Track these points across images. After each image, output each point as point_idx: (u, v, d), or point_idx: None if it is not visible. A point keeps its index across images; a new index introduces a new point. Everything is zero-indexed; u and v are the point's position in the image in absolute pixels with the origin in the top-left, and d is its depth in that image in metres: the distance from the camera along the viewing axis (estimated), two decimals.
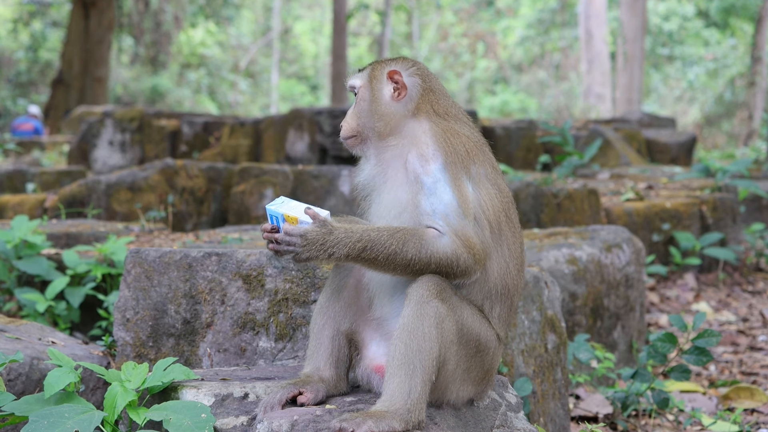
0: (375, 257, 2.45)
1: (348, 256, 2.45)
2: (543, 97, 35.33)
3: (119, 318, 3.37)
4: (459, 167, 2.55)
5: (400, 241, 2.46)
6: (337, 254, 2.45)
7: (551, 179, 7.50)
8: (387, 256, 2.45)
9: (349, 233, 2.45)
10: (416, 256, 2.46)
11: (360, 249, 2.45)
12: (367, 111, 2.68)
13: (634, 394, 4.14)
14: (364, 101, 2.69)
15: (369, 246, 2.45)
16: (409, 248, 2.46)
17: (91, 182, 7.49)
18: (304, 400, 2.60)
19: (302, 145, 11.24)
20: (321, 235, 2.45)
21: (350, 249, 2.45)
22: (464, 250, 2.49)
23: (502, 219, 2.62)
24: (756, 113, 26.33)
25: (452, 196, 2.52)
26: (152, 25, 33.73)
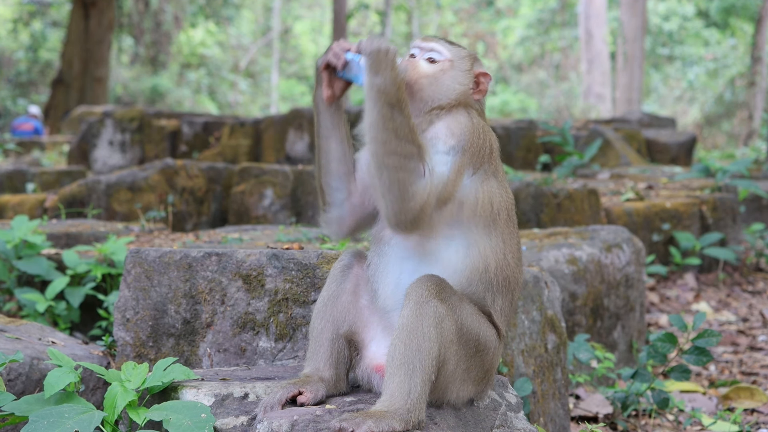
0: (390, 118, 2.50)
1: (382, 92, 2.50)
2: (543, 97, 35.34)
3: (119, 318, 3.37)
4: (472, 159, 2.61)
5: (409, 137, 2.51)
6: (382, 79, 2.51)
7: (551, 179, 7.50)
8: (394, 130, 2.49)
9: (402, 86, 2.55)
10: (401, 159, 2.49)
11: (392, 100, 2.51)
12: (442, 84, 2.72)
13: (634, 394, 4.14)
14: (446, 75, 2.73)
15: (398, 108, 2.51)
16: (406, 149, 2.50)
17: (91, 182, 7.49)
18: (304, 400, 2.60)
19: (302, 145, 11.24)
20: (390, 59, 2.54)
21: (392, 90, 2.51)
22: (418, 204, 2.50)
23: (501, 215, 2.65)
24: (756, 113, 26.34)
25: (448, 172, 2.57)
26: (152, 25, 33.74)
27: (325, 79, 2.71)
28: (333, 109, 2.75)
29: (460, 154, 2.60)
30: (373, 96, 2.52)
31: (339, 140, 2.77)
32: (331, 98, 2.73)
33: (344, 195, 2.78)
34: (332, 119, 2.76)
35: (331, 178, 2.78)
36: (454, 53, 2.76)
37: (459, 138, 2.61)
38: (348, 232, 2.82)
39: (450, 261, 2.62)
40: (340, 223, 2.80)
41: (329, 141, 2.77)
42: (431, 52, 2.75)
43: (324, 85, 2.72)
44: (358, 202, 2.78)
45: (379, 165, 2.51)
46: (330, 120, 2.76)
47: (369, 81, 2.54)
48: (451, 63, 2.74)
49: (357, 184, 2.77)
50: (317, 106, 2.77)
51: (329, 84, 2.72)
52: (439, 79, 2.72)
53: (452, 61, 2.75)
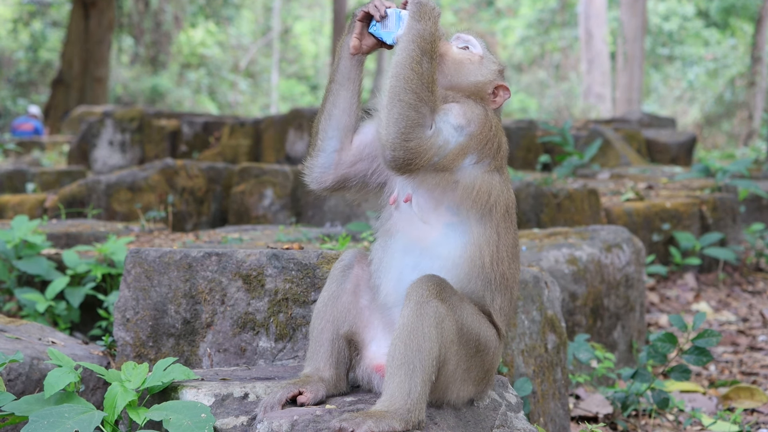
0: (419, 62, 2.57)
1: (419, 37, 2.59)
2: (543, 97, 35.33)
3: (119, 318, 3.37)
4: (477, 148, 2.63)
5: (429, 85, 2.58)
6: (422, 26, 2.60)
7: (551, 179, 7.50)
8: (419, 73, 2.57)
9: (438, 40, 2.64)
10: (416, 100, 2.55)
11: (426, 48, 2.59)
12: (465, 72, 2.77)
13: (634, 394, 4.14)
14: (472, 66, 2.78)
15: (428, 57, 2.59)
16: (424, 95, 2.56)
17: (91, 182, 7.49)
18: (304, 400, 2.60)
19: (302, 145, 11.24)
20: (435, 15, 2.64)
21: (428, 39, 2.59)
22: (415, 148, 2.54)
23: (498, 209, 2.67)
24: (756, 113, 26.33)
25: (452, 146, 2.60)
26: (152, 25, 33.73)
27: (357, 29, 2.76)
28: (354, 61, 2.80)
29: (467, 137, 2.62)
30: (410, 38, 2.59)
31: (351, 92, 2.81)
32: (357, 49, 2.77)
33: (337, 145, 2.80)
34: (350, 70, 2.80)
35: (330, 125, 2.80)
36: (486, 53, 2.83)
37: (470, 122, 2.64)
38: (327, 184, 2.82)
39: (449, 254, 2.63)
40: (322, 172, 2.81)
41: (340, 89, 2.81)
42: (467, 42, 2.83)
43: (354, 34, 2.77)
44: (348, 160, 2.80)
45: (393, 98, 2.55)
46: (348, 70, 2.80)
47: (409, 24, 2.62)
48: (480, 59, 2.80)
49: (353, 144, 2.80)
50: (341, 51, 2.81)
51: (359, 35, 2.77)
52: (465, 65, 2.77)
53: (482, 58, 2.81)
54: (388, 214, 2.74)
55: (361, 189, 2.83)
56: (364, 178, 2.81)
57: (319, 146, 2.81)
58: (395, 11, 2.70)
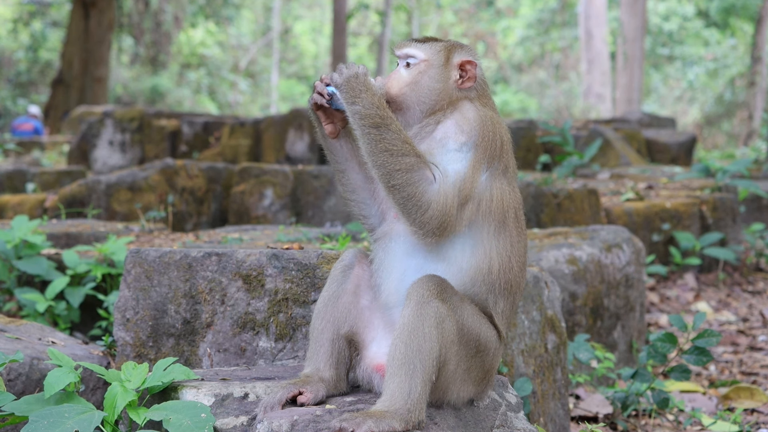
0: (379, 139, 2.52)
1: (364, 117, 2.53)
2: (543, 97, 35.33)
3: (119, 318, 3.37)
4: (485, 154, 2.60)
5: (403, 150, 2.52)
6: (360, 105, 2.54)
7: (551, 179, 7.50)
8: (386, 149, 2.51)
9: (382, 105, 2.56)
10: (404, 175, 2.51)
11: (375, 121, 2.53)
12: (424, 86, 2.70)
13: (634, 394, 4.14)
14: (425, 76, 2.71)
15: (384, 127, 2.52)
16: (405, 163, 2.51)
17: (91, 182, 7.49)
18: (304, 400, 2.60)
19: (302, 145, 11.24)
20: (362, 83, 2.57)
21: (372, 112, 2.53)
22: (437, 212, 2.51)
23: (510, 215, 2.65)
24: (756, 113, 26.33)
25: (464, 169, 2.57)
26: (152, 25, 33.72)
27: (322, 117, 2.74)
28: (342, 141, 2.77)
29: (473, 150, 2.59)
30: (357, 123, 2.55)
31: (356, 168, 2.79)
32: (335, 132, 2.75)
33: (375, 209, 2.79)
34: (343, 150, 2.78)
35: (361, 208, 2.81)
36: (427, 52, 2.73)
37: (469, 134, 2.61)
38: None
39: (456, 259, 2.61)
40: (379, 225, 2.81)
41: (347, 173, 2.80)
42: (407, 58, 2.74)
43: (323, 122, 2.74)
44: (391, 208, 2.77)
45: (387, 187, 2.53)
46: (341, 152, 2.78)
47: (349, 110, 2.57)
48: (427, 63, 2.72)
49: (383, 197, 2.76)
50: (325, 143, 2.80)
51: (328, 119, 2.74)
52: (419, 82, 2.70)
53: (427, 61, 2.72)
54: (390, 220, 2.73)
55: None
56: None
57: (367, 224, 2.82)
58: (333, 90, 2.66)
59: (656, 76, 34.45)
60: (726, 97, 30.09)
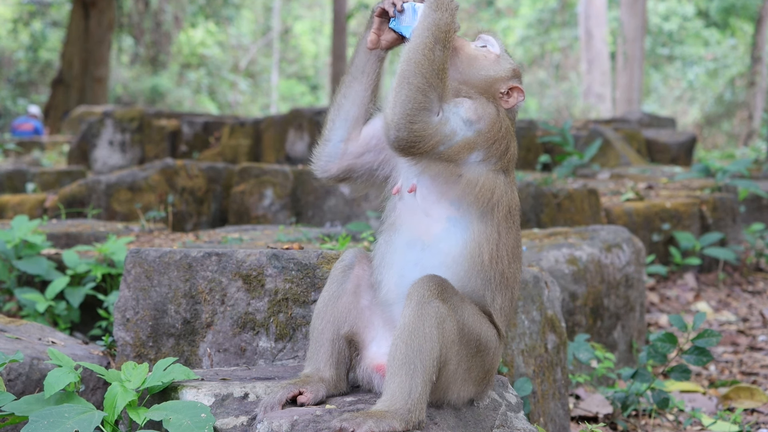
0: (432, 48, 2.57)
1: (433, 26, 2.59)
2: (543, 97, 35.33)
3: (119, 318, 3.37)
4: (484, 145, 2.63)
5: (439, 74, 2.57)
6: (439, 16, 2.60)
7: (551, 179, 7.50)
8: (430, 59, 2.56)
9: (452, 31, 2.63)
10: (425, 85, 2.54)
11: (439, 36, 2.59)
12: (478, 68, 2.76)
13: (634, 394, 4.14)
14: (485, 63, 2.78)
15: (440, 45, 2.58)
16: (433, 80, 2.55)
17: (91, 182, 7.49)
18: (304, 400, 2.60)
19: (302, 145, 11.24)
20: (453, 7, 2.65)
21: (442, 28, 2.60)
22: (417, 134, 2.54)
23: (500, 208, 2.67)
24: (756, 113, 26.33)
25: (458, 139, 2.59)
26: (152, 25, 33.72)
27: (375, 24, 2.78)
28: (371, 55, 2.81)
29: (476, 133, 2.62)
30: (425, 25, 2.60)
31: (364, 85, 2.82)
32: (375, 43, 2.78)
33: (344, 135, 2.83)
34: (366, 64, 2.82)
35: (338, 116, 2.83)
36: (504, 54, 2.83)
37: (480, 118, 2.64)
38: (332, 174, 2.85)
39: (450, 251, 2.63)
40: (328, 161, 2.84)
41: (353, 82, 2.83)
42: (486, 41, 2.83)
43: (373, 29, 2.78)
44: (355, 151, 2.82)
45: (402, 81, 2.55)
46: (364, 63, 2.82)
47: (425, 13, 2.62)
48: (496, 57, 2.80)
49: (362, 134, 2.82)
50: (358, 46, 2.83)
51: (377, 30, 2.78)
52: (479, 61, 2.77)
53: (498, 57, 2.80)
54: (392, 205, 2.75)
55: (366, 181, 2.85)
56: (370, 170, 2.83)
57: (326, 136, 2.84)
58: (412, 5, 2.71)
59: (656, 76, 34.45)
60: (726, 97, 30.10)
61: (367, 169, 2.83)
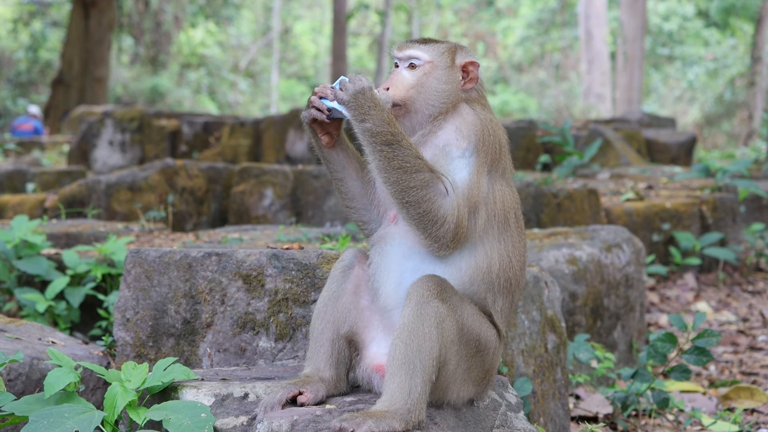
0: (392, 156, 2.49)
1: (375, 134, 2.49)
2: (543, 97, 35.33)
3: (119, 318, 3.37)
4: (486, 158, 2.61)
5: (416, 166, 2.50)
6: (371, 123, 2.50)
7: (551, 179, 7.50)
8: (400, 166, 2.49)
9: (392, 120, 2.52)
10: (419, 191, 2.50)
11: (387, 139, 2.50)
12: (431, 88, 2.68)
13: (634, 394, 4.14)
14: (431, 78, 2.69)
15: (396, 144, 2.50)
16: (419, 179, 2.50)
17: (91, 182, 7.49)
18: (304, 400, 2.60)
19: (302, 145, 11.23)
20: (369, 99, 2.52)
21: (384, 129, 2.50)
22: (453, 224, 2.52)
23: (510, 216, 2.67)
24: (756, 113, 26.32)
25: (469, 176, 2.57)
26: (152, 25, 33.72)
27: (318, 130, 2.71)
28: (337, 149, 2.76)
29: (475, 155, 2.60)
30: (368, 140, 2.53)
31: (353, 176, 2.78)
32: (331, 143, 2.73)
33: (375, 213, 2.79)
34: (339, 159, 2.76)
35: (360, 215, 2.81)
36: (432, 53, 2.72)
37: (470, 139, 2.61)
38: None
39: (454, 261, 2.62)
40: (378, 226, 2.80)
41: (344, 181, 2.79)
42: (410, 59, 2.72)
43: (319, 134, 2.71)
44: (386, 204, 2.77)
45: (401, 204, 2.52)
46: (338, 161, 2.77)
47: (359, 128, 2.54)
48: (431, 64, 2.71)
49: (378, 193, 2.76)
50: (320, 152, 2.77)
51: (323, 131, 2.71)
52: (425, 84, 2.69)
53: (432, 62, 2.71)
54: (386, 224, 2.73)
55: None
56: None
57: (367, 229, 2.81)
58: (334, 106, 2.59)
59: (656, 76, 34.45)
60: (726, 97, 30.09)
61: None
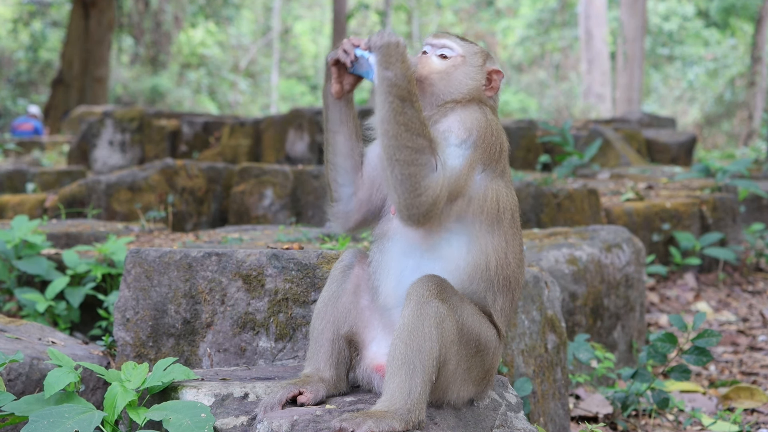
0: (401, 112, 2.51)
1: (393, 86, 2.52)
2: (543, 97, 35.33)
3: (119, 318, 3.37)
4: (483, 155, 2.62)
5: (419, 131, 2.51)
6: (393, 73, 2.52)
7: (551, 179, 7.50)
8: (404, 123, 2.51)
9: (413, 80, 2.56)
10: (412, 153, 2.50)
11: (403, 94, 2.52)
12: (455, 80, 2.72)
13: (634, 394, 4.14)
14: (458, 70, 2.73)
15: (408, 102, 2.52)
16: (417, 143, 2.51)
17: (91, 182, 7.49)
18: (304, 400, 2.60)
19: (302, 145, 11.23)
20: (400, 53, 2.55)
21: (403, 84, 2.52)
22: (430, 198, 2.51)
23: (505, 214, 2.67)
24: (756, 113, 26.33)
25: (460, 166, 2.58)
26: (152, 25, 33.72)
27: (335, 75, 2.72)
28: (342, 103, 2.76)
29: (472, 148, 2.61)
30: (385, 89, 2.53)
31: (347, 135, 2.77)
32: (340, 93, 2.73)
33: (351, 190, 2.79)
34: (341, 114, 2.76)
35: (338, 174, 2.79)
36: (466, 49, 2.77)
37: (471, 132, 2.62)
38: (354, 226, 2.82)
39: (452, 257, 2.62)
40: (346, 218, 2.81)
41: (336, 136, 2.78)
42: (443, 48, 2.76)
43: (333, 80, 2.72)
44: (365, 196, 2.78)
45: (390, 159, 2.51)
46: (338, 115, 2.77)
47: (380, 75, 2.55)
48: (463, 59, 2.75)
49: (364, 178, 2.78)
50: (326, 100, 2.78)
51: (338, 79, 2.72)
52: (451, 74, 2.73)
53: (464, 57, 2.76)
54: (387, 218, 2.73)
55: (379, 214, 2.81)
56: (381, 205, 2.79)
57: (336, 197, 2.80)
58: (363, 54, 2.63)
59: (656, 76, 34.46)
60: (726, 97, 30.09)
61: (378, 206, 2.79)
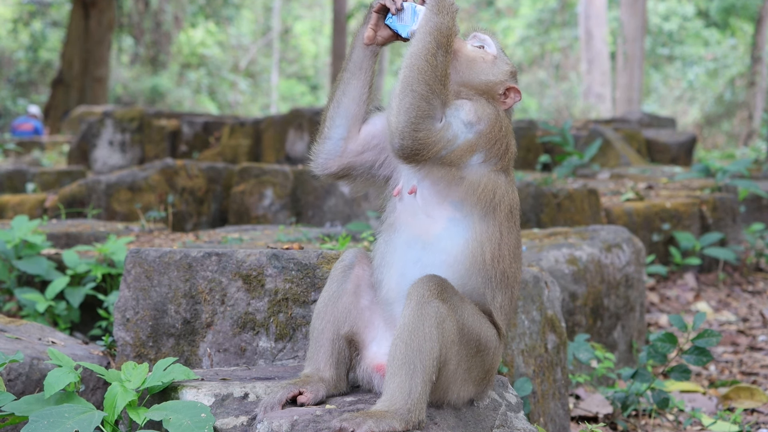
0: (434, 53, 2.58)
1: (436, 30, 2.61)
2: (543, 97, 35.32)
3: (119, 318, 3.37)
4: (485, 146, 2.65)
5: (443, 79, 2.59)
6: (440, 20, 2.62)
7: (551, 179, 7.50)
8: (433, 65, 2.58)
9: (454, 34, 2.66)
10: (428, 91, 2.56)
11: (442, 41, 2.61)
12: (477, 70, 2.77)
13: (634, 394, 4.14)
14: (484, 65, 2.79)
15: (442, 50, 2.60)
16: (436, 88, 2.57)
17: (91, 182, 7.49)
18: (304, 400, 2.60)
19: (302, 145, 11.24)
20: (454, 8, 2.67)
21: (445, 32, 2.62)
22: (423, 140, 2.55)
23: (501, 208, 2.68)
24: (756, 113, 26.33)
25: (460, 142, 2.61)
26: (152, 25, 33.72)
27: (373, 20, 2.77)
28: (368, 52, 2.81)
29: (476, 134, 2.63)
30: (427, 29, 2.60)
31: (361, 81, 2.82)
32: (372, 39, 2.78)
33: (344, 133, 2.82)
34: (363, 60, 2.81)
35: (337, 113, 2.82)
36: (500, 54, 2.83)
37: (480, 119, 2.65)
38: (332, 171, 2.84)
39: (451, 250, 2.63)
40: (327, 159, 2.83)
41: (351, 78, 2.82)
42: (483, 41, 2.84)
43: (370, 25, 2.77)
44: (355, 149, 2.82)
45: (406, 88, 2.56)
46: (360, 59, 2.81)
47: (427, 17, 2.62)
48: (494, 59, 2.81)
49: (361, 134, 2.81)
50: (355, 42, 2.83)
51: (375, 26, 2.77)
52: (478, 63, 2.78)
53: (495, 58, 2.81)
54: (392, 206, 2.75)
55: (365, 180, 2.85)
56: (371, 169, 2.83)
57: (325, 133, 2.83)
58: (411, 5, 2.71)
59: (656, 76, 34.45)
60: (726, 97, 30.09)
61: (367, 168, 2.83)
